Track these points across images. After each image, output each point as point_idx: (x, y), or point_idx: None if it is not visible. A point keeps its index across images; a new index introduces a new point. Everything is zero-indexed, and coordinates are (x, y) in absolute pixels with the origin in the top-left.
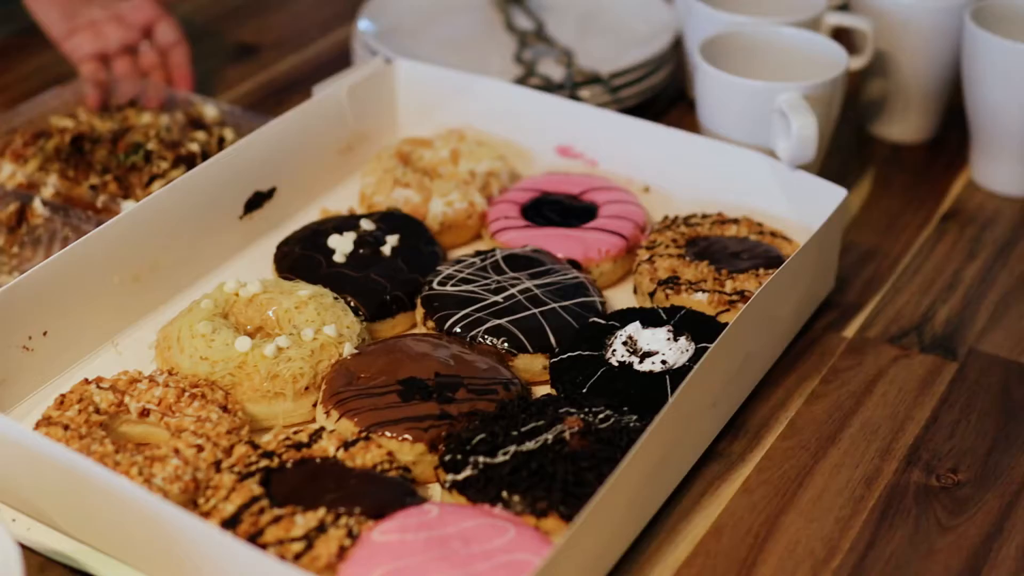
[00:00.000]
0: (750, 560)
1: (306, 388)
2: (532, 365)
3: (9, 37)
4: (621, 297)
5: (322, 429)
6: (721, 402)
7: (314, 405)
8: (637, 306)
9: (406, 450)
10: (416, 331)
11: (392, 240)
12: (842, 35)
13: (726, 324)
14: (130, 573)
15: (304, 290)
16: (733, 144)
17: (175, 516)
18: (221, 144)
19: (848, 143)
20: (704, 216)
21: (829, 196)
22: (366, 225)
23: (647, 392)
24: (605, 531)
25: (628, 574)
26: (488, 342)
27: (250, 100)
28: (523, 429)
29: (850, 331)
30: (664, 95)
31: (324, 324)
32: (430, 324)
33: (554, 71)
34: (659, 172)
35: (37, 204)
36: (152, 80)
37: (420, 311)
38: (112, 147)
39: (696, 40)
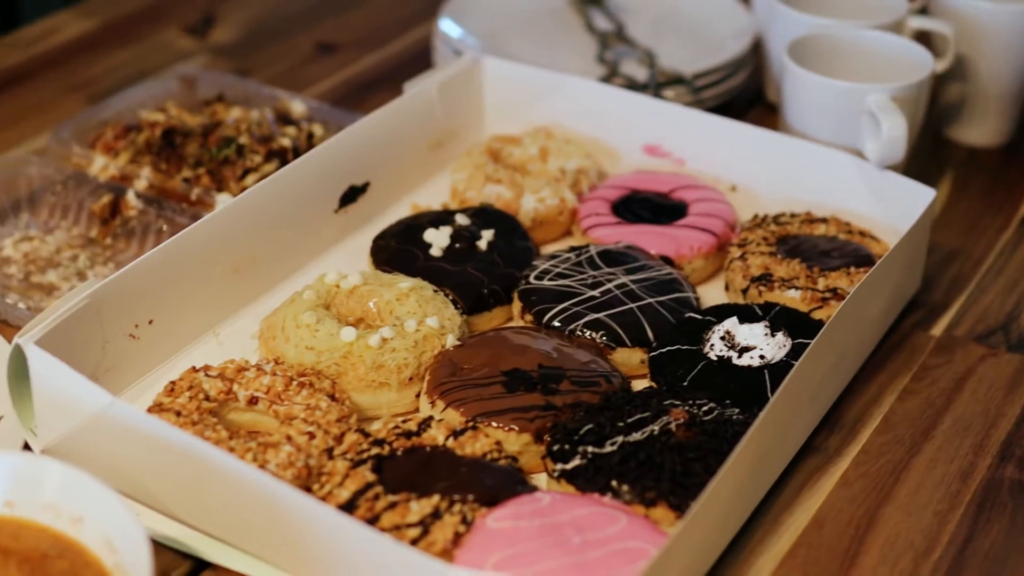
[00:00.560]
0: (852, 551)
1: (410, 378)
2: (630, 359)
3: (92, 32)
4: (712, 294)
5: (431, 418)
6: (818, 397)
7: (417, 395)
8: (729, 302)
9: (512, 440)
10: (512, 325)
11: (487, 235)
12: (920, 39)
13: (820, 321)
14: (241, 558)
15: (405, 282)
16: (821, 144)
17: (296, 500)
18: (311, 139)
19: (925, 147)
20: (793, 215)
21: (917, 196)
22: (461, 220)
23: (746, 386)
24: (713, 522)
25: (733, 564)
26: (587, 335)
27: (331, 98)
28: (629, 420)
29: (937, 330)
30: (742, 97)
31: (426, 316)
32: (528, 318)
33: (636, 72)
34: (746, 171)
35: (131, 196)
36: None
37: (517, 305)
38: (203, 141)
39: (779, 43)
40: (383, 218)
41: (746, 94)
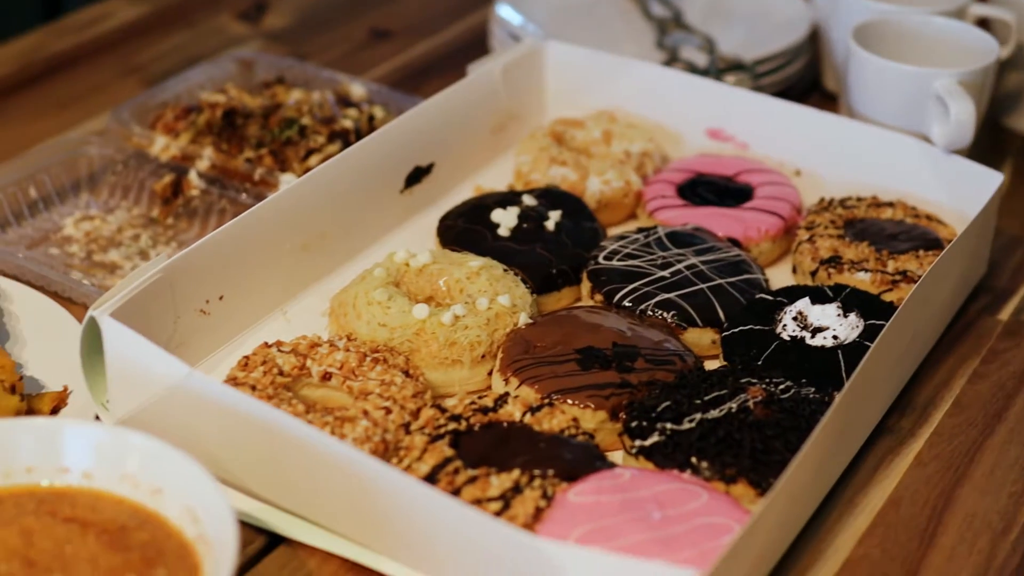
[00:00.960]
0: (930, 531)
1: (482, 356)
2: (701, 339)
3: (144, 17)
4: (779, 276)
5: (507, 394)
6: (891, 379)
7: (489, 373)
8: (798, 284)
9: (588, 417)
10: (582, 304)
11: (555, 215)
12: (980, 26)
13: (891, 303)
14: (316, 532)
15: (475, 261)
16: (886, 128)
17: (380, 471)
18: (371, 121)
19: (983, 135)
20: (859, 199)
21: (984, 181)
22: (528, 200)
23: (820, 366)
24: (794, 499)
25: (812, 542)
26: (658, 315)
27: (385, 84)
28: (706, 398)
29: (1004, 314)
30: (799, 86)
31: (497, 294)
32: (598, 297)
33: (696, 57)
34: (810, 156)
35: (193, 176)
36: None
37: (586, 285)
38: (263, 122)
39: (843, 29)
40: (447, 199)
41: (802, 83)
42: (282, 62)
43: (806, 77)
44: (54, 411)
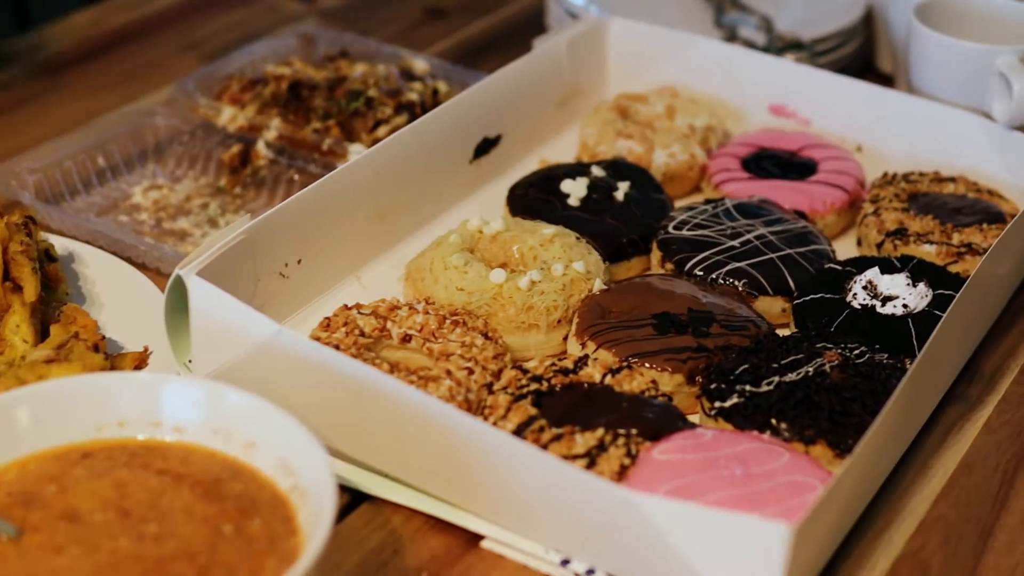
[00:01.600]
0: (1002, 494)
1: (558, 321)
2: (771, 307)
3: None
4: (843, 249)
5: (586, 356)
6: (961, 347)
7: (564, 338)
8: (864, 255)
9: (665, 380)
10: (652, 273)
11: (623, 186)
12: None
13: (957, 274)
14: (400, 490)
15: (548, 229)
16: (948, 105)
17: (471, 426)
18: (435, 95)
19: None
20: (922, 174)
21: None
22: (597, 172)
23: (891, 333)
24: (873, 460)
25: (888, 502)
26: (729, 283)
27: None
28: (783, 362)
29: None
30: (853, 66)
31: (571, 261)
32: (669, 266)
33: (754, 36)
34: (871, 131)
35: (261, 146)
36: None
37: (657, 254)
38: (329, 94)
39: (903, 8)
40: (513, 171)
41: (855, 64)
42: (343, 37)
43: (859, 58)
44: (135, 370)
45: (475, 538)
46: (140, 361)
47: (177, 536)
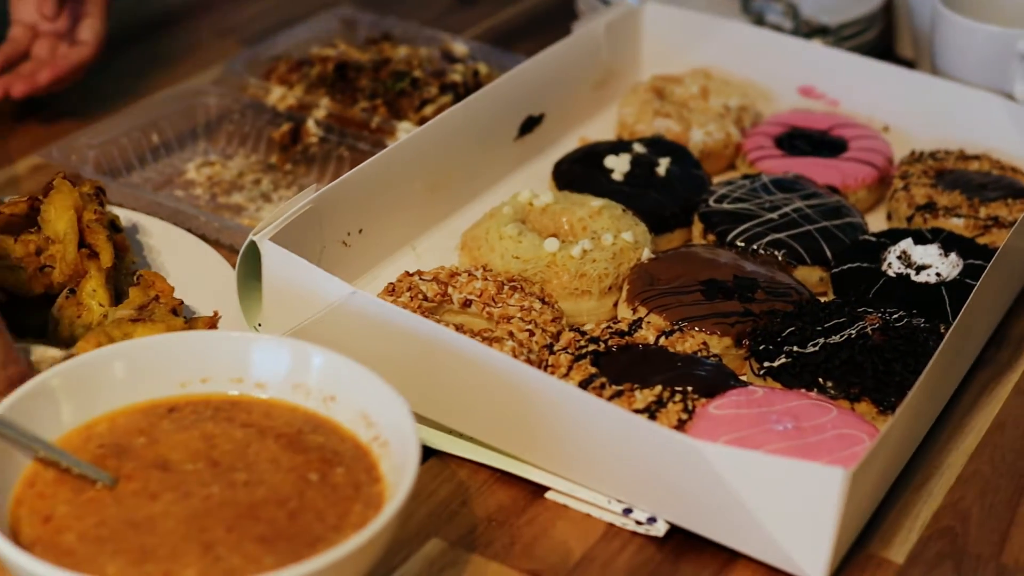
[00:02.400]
0: None
1: (608, 288)
2: (809, 276)
3: None
4: (873, 222)
5: (640, 319)
6: (991, 314)
7: (614, 304)
8: (896, 228)
9: (714, 343)
10: (695, 243)
11: (664, 162)
12: None
13: (984, 245)
14: (466, 446)
15: (596, 201)
16: (972, 86)
17: (541, 380)
18: (476, 76)
19: None
20: (947, 152)
21: None
22: (638, 148)
23: (926, 300)
24: (915, 417)
25: (927, 457)
26: (770, 253)
27: None
28: (826, 325)
29: None
30: (874, 52)
31: (620, 231)
32: (711, 237)
33: (780, 22)
34: (897, 112)
35: (311, 124)
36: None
37: (698, 226)
38: (374, 75)
39: None
40: (554, 149)
41: (877, 49)
42: (384, 21)
43: (880, 44)
44: None
45: (539, 490)
46: (211, 325)
47: (266, 483)
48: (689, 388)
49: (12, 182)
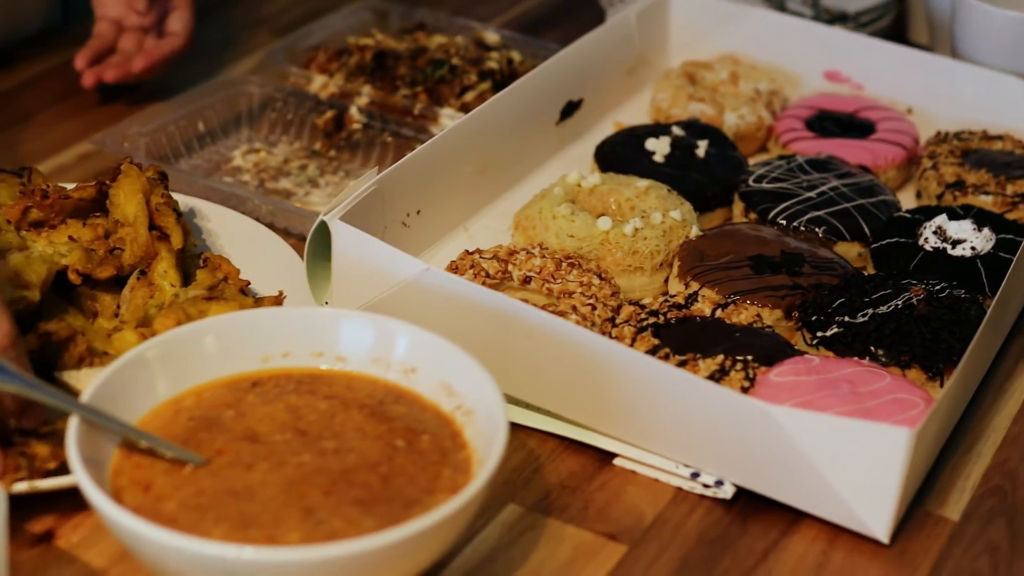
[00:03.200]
0: None
1: (660, 264)
2: (848, 252)
3: None
4: (903, 200)
5: (696, 293)
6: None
7: (665, 280)
8: (927, 205)
9: (765, 315)
10: (735, 222)
11: (703, 144)
12: None
13: (1014, 220)
14: (534, 416)
15: (641, 182)
16: (993, 70)
17: (614, 349)
18: (511, 63)
19: None
20: (971, 132)
21: None
22: (677, 131)
23: (963, 272)
24: (965, 383)
25: (973, 420)
26: (810, 230)
27: None
28: (874, 296)
29: None
30: (888, 38)
31: (667, 210)
32: (752, 216)
33: (801, 9)
34: (920, 95)
35: (354, 111)
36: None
37: (739, 205)
38: (411, 63)
39: None
40: (591, 133)
41: (890, 36)
42: (414, 11)
43: (894, 30)
44: None
45: (607, 457)
46: (277, 304)
47: (355, 451)
48: (749, 357)
49: (61, 170)
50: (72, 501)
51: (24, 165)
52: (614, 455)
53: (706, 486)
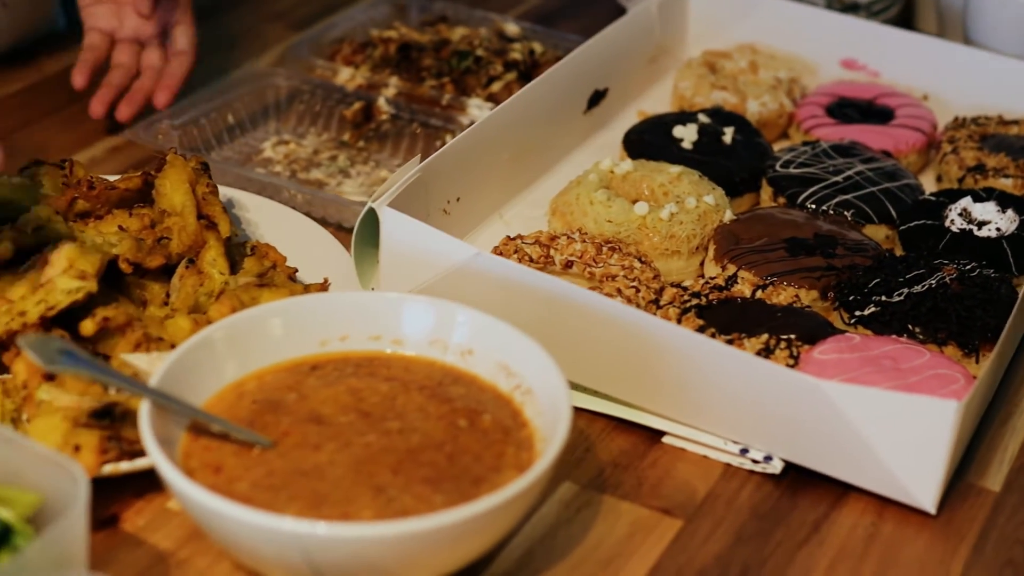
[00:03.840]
0: None
1: (696, 248)
2: (876, 234)
3: None
4: (924, 184)
5: (736, 274)
6: None
7: (701, 263)
8: (950, 188)
9: (802, 296)
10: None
11: (729, 131)
12: None
13: None
14: (583, 396)
15: (673, 168)
16: (1006, 56)
17: (664, 328)
18: (532, 54)
19: None
20: (988, 118)
21: None
22: (703, 119)
23: (989, 252)
24: (1001, 358)
25: (1008, 395)
26: (839, 213)
27: None
28: (907, 276)
29: None
30: (897, 26)
31: (700, 195)
32: (781, 200)
33: (813, 1)
34: (935, 81)
35: (382, 102)
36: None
37: (767, 190)
38: (435, 55)
39: None
40: (616, 121)
41: (898, 25)
42: (432, 4)
43: (901, 19)
44: None
45: (656, 435)
46: (323, 290)
47: (419, 430)
48: (792, 336)
49: (93, 163)
50: (134, 487)
51: (62, 158)
52: (662, 433)
53: (755, 461)
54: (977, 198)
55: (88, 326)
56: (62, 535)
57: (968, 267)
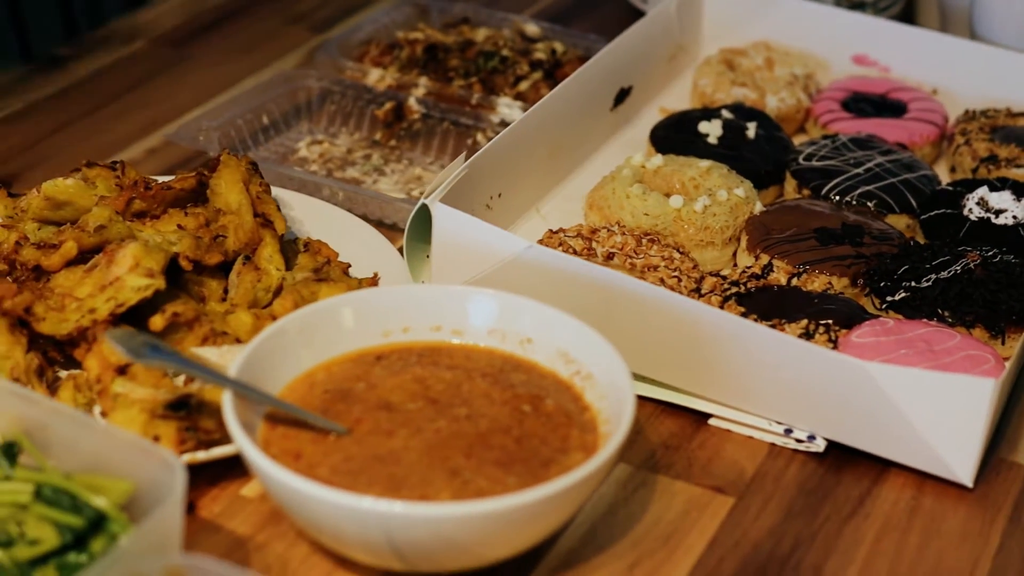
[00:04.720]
0: None
1: (728, 239)
2: (897, 223)
3: None
4: (939, 175)
5: (771, 263)
6: None
7: (733, 253)
8: (965, 178)
9: (834, 283)
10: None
11: (752, 126)
12: None
13: None
14: (640, 385)
15: (703, 162)
16: (1013, 50)
17: (713, 314)
18: (554, 54)
19: None
20: (996, 110)
21: None
22: (726, 114)
23: (1008, 239)
24: None
25: None
26: (863, 204)
27: None
28: (934, 263)
29: None
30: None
31: (731, 188)
32: (805, 192)
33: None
34: (944, 76)
35: (412, 102)
36: None
37: (791, 182)
38: (461, 55)
39: None
40: (639, 119)
41: (901, 21)
42: (452, 6)
43: (904, 15)
44: None
45: (702, 417)
46: (373, 285)
47: (486, 416)
48: (830, 321)
49: (132, 164)
50: (208, 475)
51: (113, 160)
52: (708, 416)
53: (799, 441)
54: (993, 187)
55: (158, 321)
56: (160, 522)
57: (990, 253)
